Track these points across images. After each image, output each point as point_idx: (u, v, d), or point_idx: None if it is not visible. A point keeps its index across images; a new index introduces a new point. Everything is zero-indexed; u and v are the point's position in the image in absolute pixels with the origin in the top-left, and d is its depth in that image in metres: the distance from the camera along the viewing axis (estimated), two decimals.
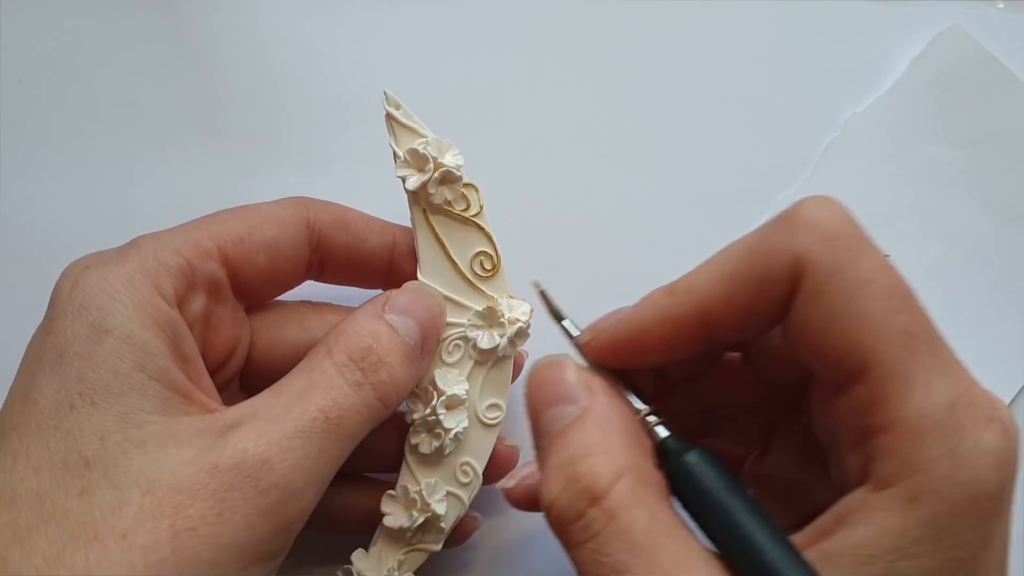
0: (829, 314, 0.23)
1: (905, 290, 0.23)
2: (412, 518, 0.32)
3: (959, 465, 0.21)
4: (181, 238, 0.29)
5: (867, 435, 0.22)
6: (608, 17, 0.42)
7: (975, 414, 0.22)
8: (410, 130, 0.32)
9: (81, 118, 0.40)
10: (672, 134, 0.41)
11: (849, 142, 0.41)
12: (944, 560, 0.21)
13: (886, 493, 0.22)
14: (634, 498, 0.23)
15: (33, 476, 0.25)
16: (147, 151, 0.40)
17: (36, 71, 0.41)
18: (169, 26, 0.41)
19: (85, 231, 0.40)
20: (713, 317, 0.25)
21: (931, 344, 0.23)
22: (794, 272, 0.23)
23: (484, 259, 0.33)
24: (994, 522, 0.22)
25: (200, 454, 0.25)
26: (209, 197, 0.40)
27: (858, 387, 0.22)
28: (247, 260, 0.30)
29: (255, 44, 0.41)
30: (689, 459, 0.24)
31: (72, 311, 0.26)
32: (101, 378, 0.25)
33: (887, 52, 0.42)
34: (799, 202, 0.24)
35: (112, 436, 0.25)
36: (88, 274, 0.27)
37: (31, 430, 0.25)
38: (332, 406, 0.27)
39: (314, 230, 0.32)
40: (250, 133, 0.41)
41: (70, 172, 0.40)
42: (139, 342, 0.26)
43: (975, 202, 0.41)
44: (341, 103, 0.41)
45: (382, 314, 0.30)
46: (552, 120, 0.41)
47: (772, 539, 0.22)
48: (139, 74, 0.41)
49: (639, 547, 0.22)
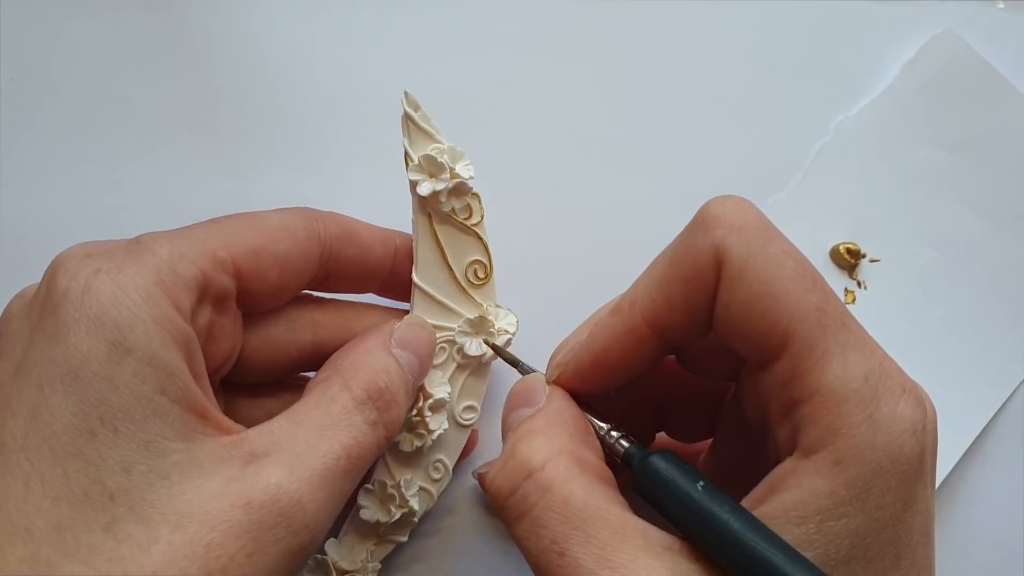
0: (747, 296, 0.24)
1: (814, 272, 0.25)
2: (390, 513, 0.33)
3: (878, 430, 0.23)
4: (198, 248, 0.28)
5: (792, 407, 0.24)
6: (600, 19, 0.42)
7: (890, 384, 0.23)
8: (426, 134, 0.32)
9: (74, 117, 0.40)
10: (664, 137, 0.41)
11: (841, 146, 0.41)
12: (869, 520, 0.23)
13: (812, 459, 0.23)
14: (570, 474, 0.25)
15: (51, 507, 0.23)
16: (140, 150, 0.40)
17: (27, 69, 0.41)
18: (163, 25, 0.41)
19: (77, 230, 0.39)
20: (660, 322, 0.26)
21: (843, 321, 0.24)
22: (716, 263, 0.25)
23: (478, 268, 0.33)
24: (915, 485, 0.23)
25: (229, 486, 0.24)
26: (202, 197, 0.40)
27: (780, 363, 0.24)
28: (258, 274, 0.29)
29: (249, 44, 0.41)
30: (653, 460, 0.25)
31: (86, 323, 0.24)
32: (123, 402, 0.24)
33: (879, 56, 0.42)
34: (707, 203, 0.26)
35: (136, 467, 0.24)
36: (102, 281, 0.25)
37: (45, 455, 0.23)
38: (353, 445, 0.27)
39: (324, 244, 0.31)
40: (244, 133, 0.41)
41: (62, 171, 0.40)
42: (161, 364, 0.25)
43: (966, 207, 0.41)
44: (335, 103, 0.41)
45: (391, 348, 0.30)
46: (545, 122, 0.41)
47: (733, 514, 0.23)
48: (132, 73, 0.41)
49: (575, 520, 0.24)
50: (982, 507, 0.39)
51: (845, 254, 0.40)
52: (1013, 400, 0.40)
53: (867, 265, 0.40)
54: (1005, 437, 0.40)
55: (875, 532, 0.23)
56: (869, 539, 0.23)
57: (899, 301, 0.40)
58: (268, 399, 0.33)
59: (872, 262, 0.40)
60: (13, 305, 0.27)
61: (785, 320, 0.24)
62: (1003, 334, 0.40)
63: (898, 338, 0.40)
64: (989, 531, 0.39)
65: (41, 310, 0.25)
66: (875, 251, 0.41)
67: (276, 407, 0.32)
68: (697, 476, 0.25)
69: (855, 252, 0.40)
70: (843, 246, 0.40)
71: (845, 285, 0.40)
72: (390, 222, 0.35)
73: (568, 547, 0.23)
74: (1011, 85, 0.41)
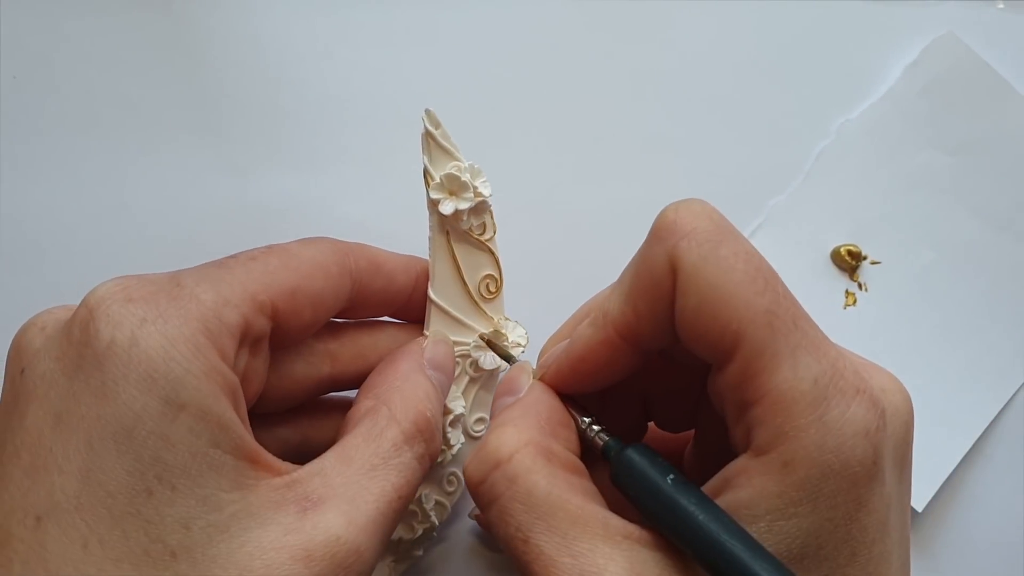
0: (698, 300, 0.24)
1: (767, 273, 0.25)
2: (413, 530, 0.33)
3: (828, 433, 0.23)
4: (239, 291, 0.27)
5: (744, 408, 0.24)
6: (599, 21, 0.42)
7: (842, 386, 0.24)
8: (447, 152, 0.32)
9: (75, 116, 0.40)
10: (665, 139, 0.41)
11: (842, 148, 0.41)
12: (821, 521, 0.23)
13: (763, 459, 0.24)
14: (535, 466, 0.26)
15: (113, 568, 0.23)
16: (141, 150, 0.40)
17: (30, 68, 0.41)
18: (164, 25, 0.41)
19: (79, 229, 0.40)
20: (631, 333, 0.27)
21: (795, 322, 0.24)
22: (671, 271, 0.25)
23: (490, 282, 0.34)
24: (869, 486, 0.24)
25: (287, 536, 0.24)
26: (203, 196, 0.40)
27: (732, 365, 0.24)
28: (294, 314, 0.29)
29: (250, 44, 0.41)
30: (627, 453, 0.26)
31: (136, 379, 0.24)
32: (179, 460, 0.24)
33: (881, 58, 0.42)
34: (663, 210, 0.26)
35: (195, 522, 0.23)
36: (149, 333, 0.24)
37: (102, 516, 0.23)
38: (404, 484, 0.27)
39: (354, 280, 0.31)
40: (244, 133, 0.41)
41: (63, 171, 0.40)
42: (214, 417, 0.24)
43: (967, 209, 0.41)
44: (335, 104, 0.41)
45: (426, 370, 0.31)
46: (544, 124, 0.41)
47: (699, 506, 0.24)
48: (134, 72, 0.41)
49: (538, 509, 0.25)
50: (982, 509, 0.39)
51: (846, 256, 0.40)
52: (1013, 402, 0.40)
53: (868, 267, 0.40)
54: (1005, 439, 0.40)
55: (828, 532, 0.23)
56: (822, 538, 0.23)
57: (900, 303, 0.40)
58: (280, 426, 0.33)
59: (873, 264, 0.40)
60: (34, 338, 0.26)
61: (735, 323, 0.24)
62: (1004, 336, 0.40)
63: (899, 340, 0.40)
64: (989, 533, 0.39)
65: (79, 358, 0.24)
66: (876, 253, 0.41)
67: (288, 433, 0.32)
68: (669, 469, 0.25)
69: (856, 254, 0.40)
70: (844, 248, 0.40)
71: (846, 287, 0.40)
72: (390, 222, 0.35)
73: (531, 535, 0.25)
74: (1012, 88, 0.41)
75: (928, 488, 0.38)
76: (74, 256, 0.39)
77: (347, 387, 0.33)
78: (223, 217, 0.40)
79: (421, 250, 0.33)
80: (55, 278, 0.39)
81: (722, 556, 0.23)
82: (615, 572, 0.24)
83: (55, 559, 0.23)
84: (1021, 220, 0.41)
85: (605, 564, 0.24)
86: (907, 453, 0.26)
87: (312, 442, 0.32)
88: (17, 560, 0.23)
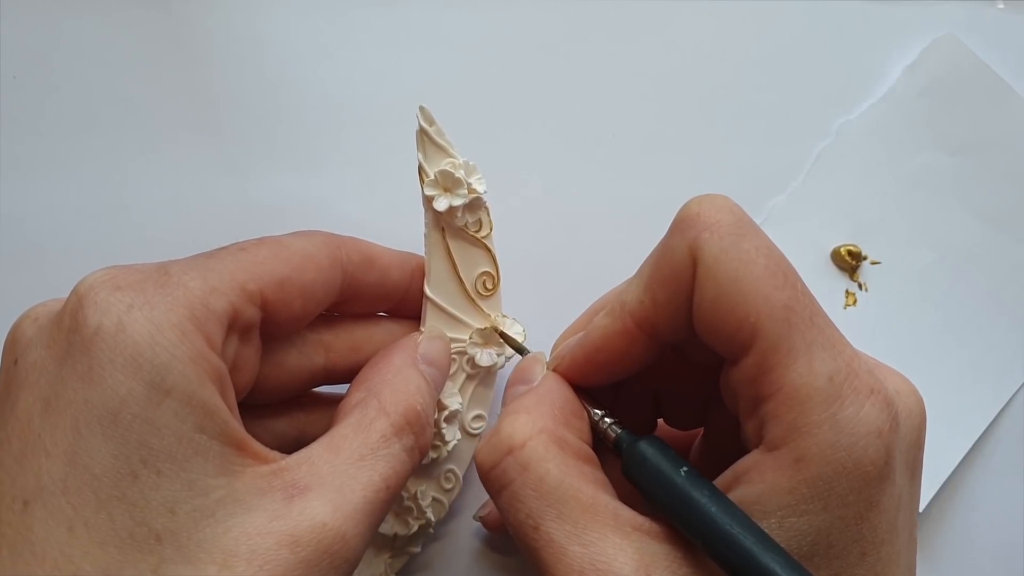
0: (717, 293, 0.25)
1: (786, 268, 0.25)
2: (408, 526, 0.33)
3: (840, 431, 0.23)
4: (227, 280, 0.27)
5: (758, 402, 0.24)
6: (598, 20, 0.42)
7: (856, 385, 0.24)
8: (441, 149, 0.32)
9: (75, 116, 0.40)
10: (664, 138, 0.41)
11: (841, 149, 0.41)
12: (832, 519, 0.23)
13: (775, 454, 0.24)
14: (548, 454, 0.26)
15: (98, 551, 0.23)
16: (141, 149, 0.40)
17: (30, 68, 0.41)
18: (164, 25, 0.41)
19: (78, 229, 0.40)
20: (648, 323, 0.27)
21: (812, 319, 0.24)
22: (692, 262, 0.25)
23: (487, 279, 0.34)
24: (880, 487, 0.24)
25: (273, 523, 0.24)
26: (203, 195, 0.40)
27: (747, 359, 0.24)
28: (283, 304, 0.29)
29: (250, 44, 0.41)
30: (640, 446, 0.26)
31: (123, 364, 0.24)
32: (165, 444, 0.24)
33: (881, 59, 0.42)
34: (686, 202, 0.26)
35: (181, 507, 0.24)
36: (135, 319, 0.24)
37: (88, 499, 0.23)
38: (392, 475, 0.27)
39: (346, 272, 0.31)
40: (244, 133, 0.41)
41: (63, 170, 0.40)
42: (199, 402, 0.24)
43: (966, 210, 0.41)
44: (335, 103, 0.41)
45: (419, 365, 0.31)
46: (544, 123, 0.41)
47: (711, 499, 0.24)
48: (134, 72, 0.41)
49: (550, 497, 0.25)
50: (982, 509, 0.39)
51: (846, 256, 0.40)
52: (1013, 402, 0.40)
53: (868, 267, 0.40)
54: (1005, 439, 0.40)
55: (838, 530, 0.23)
56: (832, 537, 0.23)
57: (900, 303, 0.40)
58: (275, 419, 0.33)
59: (873, 264, 0.40)
60: (27, 329, 0.26)
61: (753, 317, 0.24)
62: (1003, 336, 0.40)
63: (899, 340, 0.40)
64: (989, 533, 0.39)
65: (68, 344, 0.25)
66: (876, 253, 0.41)
67: (283, 426, 0.33)
68: (681, 462, 0.26)
69: (856, 254, 0.40)
70: (844, 248, 0.40)
71: (846, 287, 0.40)
72: (389, 222, 0.35)
73: (542, 522, 0.25)
74: (1012, 89, 0.41)
75: (928, 488, 0.38)
76: (74, 255, 0.39)
77: (341, 380, 0.33)
78: (223, 217, 0.40)
79: (421, 249, 0.33)
80: (55, 277, 0.38)
81: (733, 549, 0.23)
82: (624, 563, 0.24)
83: (41, 542, 0.23)
84: (1021, 220, 0.41)
85: (615, 554, 0.24)
86: (918, 456, 0.26)
87: (307, 437, 0.32)
88: (5, 544, 0.23)
